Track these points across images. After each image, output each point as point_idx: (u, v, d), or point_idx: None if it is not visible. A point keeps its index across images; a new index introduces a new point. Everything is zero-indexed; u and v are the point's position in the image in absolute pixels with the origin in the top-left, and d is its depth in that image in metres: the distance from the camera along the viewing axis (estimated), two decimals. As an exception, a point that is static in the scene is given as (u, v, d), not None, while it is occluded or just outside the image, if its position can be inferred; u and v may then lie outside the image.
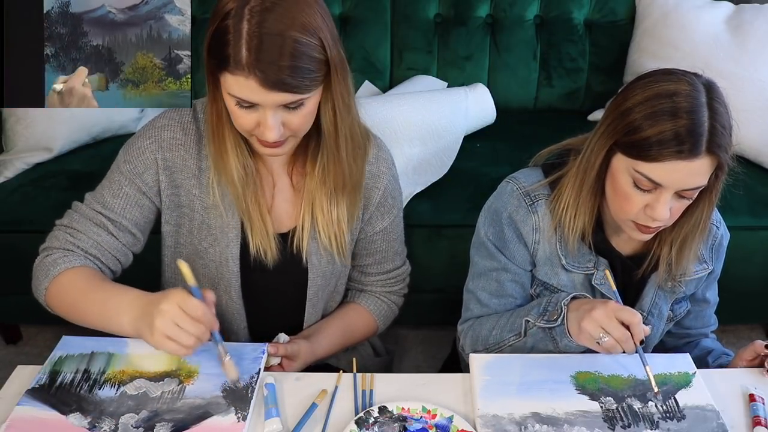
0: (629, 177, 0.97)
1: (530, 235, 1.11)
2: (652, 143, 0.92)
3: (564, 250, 1.11)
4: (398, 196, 1.25)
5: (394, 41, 2.16)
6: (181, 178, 1.11)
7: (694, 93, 0.93)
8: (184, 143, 1.10)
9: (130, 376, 0.99)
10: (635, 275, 1.12)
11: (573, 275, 1.12)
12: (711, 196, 1.01)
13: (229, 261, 1.14)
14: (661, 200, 0.96)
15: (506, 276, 1.15)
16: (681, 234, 1.06)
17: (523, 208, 1.11)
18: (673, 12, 2.00)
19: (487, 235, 1.15)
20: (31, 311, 1.93)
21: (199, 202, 1.12)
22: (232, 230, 1.13)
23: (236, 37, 0.91)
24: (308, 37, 0.92)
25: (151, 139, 1.10)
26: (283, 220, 1.16)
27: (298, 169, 1.15)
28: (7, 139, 1.84)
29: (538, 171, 1.14)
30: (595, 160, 1.02)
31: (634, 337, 0.95)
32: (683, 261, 1.09)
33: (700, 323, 1.25)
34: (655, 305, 1.15)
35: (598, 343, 0.95)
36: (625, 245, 1.12)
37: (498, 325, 1.13)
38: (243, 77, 0.92)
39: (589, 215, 1.07)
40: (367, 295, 1.31)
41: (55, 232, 1.12)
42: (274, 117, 0.96)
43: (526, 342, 1.08)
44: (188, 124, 1.11)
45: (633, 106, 0.95)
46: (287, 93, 0.93)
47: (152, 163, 1.10)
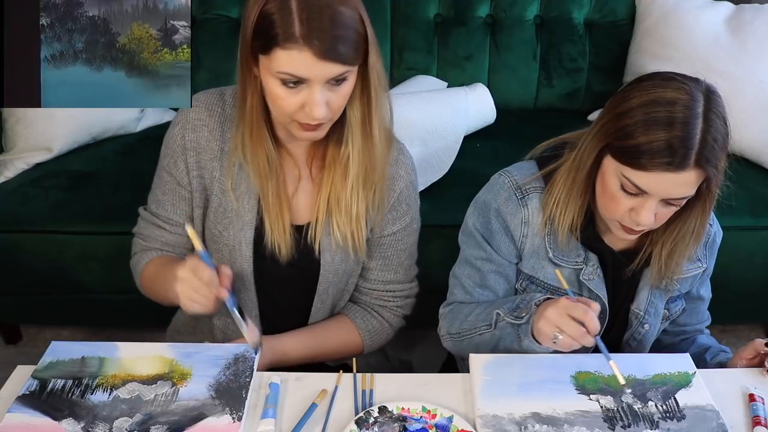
0: (617, 180, 0.97)
1: (518, 228, 1.12)
2: (642, 151, 0.92)
3: (553, 244, 1.11)
4: (414, 205, 1.23)
5: (394, 41, 2.16)
6: (205, 159, 1.13)
7: (692, 103, 0.92)
8: (208, 124, 1.12)
9: (122, 380, 0.99)
10: (627, 271, 1.12)
11: (560, 269, 1.12)
12: (705, 204, 1.02)
13: (243, 246, 1.14)
14: (646, 206, 0.96)
15: (490, 267, 1.15)
16: (672, 237, 1.07)
17: (512, 201, 1.11)
18: (673, 12, 2.00)
19: (475, 226, 1.16)
20: (31, 311, 1.94)
21: (218, 184, 1.13)
22: (248, 214, 1.13)
23: (286, 13, 0.93)
24: (351, 11, 0.96)
25: (180, 125, 1.13)
26: (301, 213, 1.16)
27: (317, 161, 1.15)
28: (7, 139, 1.84)
29: (532, 164, 1.15)
30: (587, 159, 1.02)
31: (589, 331, 0.94)
32: (673, 264, 1.10)
33: (695, 320, 1.25)
34: (651, 304, 1.15)
35: (554, 342, 0.96)
36: (617, 241, 1.12)
37: (475, 312, 1.14)
38: (297, 50, 0.93)
39: (579, 211, 1.07)
40: (358, 309, 1.26)
41: (133, 240, 1.23)
42: (322, 93, 0.97)
43: (494, 334, 1.08)
44: (214, 105, 1.12)
45: (629, 110, 0.95)
46: (338, 64, 0.95)
47: (181, 149, 1.12)
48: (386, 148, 1.12)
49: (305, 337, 1.21)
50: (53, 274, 1.74)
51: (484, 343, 1.10)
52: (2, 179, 1.79)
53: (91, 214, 1.69)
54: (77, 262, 1.71)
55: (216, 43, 2.09)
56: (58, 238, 1.68)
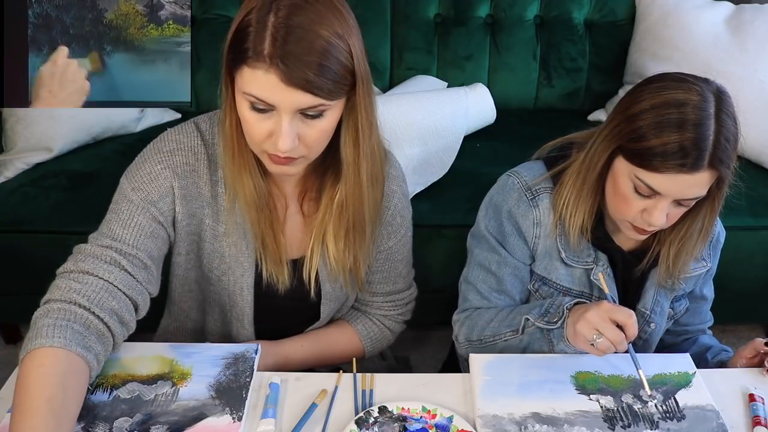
0: (630, 181, 0.98)
1: (531, 230, 1.11)
2: (655, 153, 0.92)
3: (564, 244, 1.11)
4: (407, 215, 1.18)
5: (394, 41, 2.16)
6: (195, 206, 1.05)
7: (703, 104, 0.92)
8: (197, 169, 1.03)
9: (122, 380, 0.99)
10: (636, 271, 1.13)
11: (572, 269, 1.12)
12: (714, 204, 1.02)
13: (244, 290, 1.11)
14: (659, 207, 0.97)
15: (506, 270, 1.15)
16: (680, 236, 1.07)
17: (524, 202, 1.11)
18: (673, 12, 2.00)
19: (488, 229, 1.15)
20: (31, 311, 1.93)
21: (211, 231, 1.07)
22: (247, 259, 1.08)
23: (260, 28, 0.85)
24: (338, 41, 0.86)
25: (163, 165, 1.02)
26: (293, 246, 1.11)
27: (309, 198, 1.09)
28: (7, 139, 1.84)
29: (540, 164, 1.15)
30: (598, 160, 1.02)
31: (628, 337, 0.94)
32: (680, 263, 1.10)
33: (698, 320, 1.26)
34: (657, 303, 1.15)
35: (592, 345, 0.95)
36: (626, 241, 1.12)
37: (497, 318, 1.12)
38: (262, 71, 0.85)
39: (590, 212, 1.07)
40: (360, 315, 1.24)
41: (57, 281, 0.96)
42: (291, 124, 0.88)
43: (521, 340, 1.08)
44: (198, 147, 1.03)
45: (640, 112, 0.95)
46: (309, 94, 0.86)
47: (168, 190, 1.02)
48: (376, 193, 1.06)
49: (307, 342, 1.19)
50: (53, 274, 1.73)
51: (509, 348, 1.09)
52: (2, 179, 1.78)
53: (91, 214, 1.67)
54: (77, 262, 1.71)
55: (216, 43, 2.07)
56: (58, 238, 1.68)
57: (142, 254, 1.00)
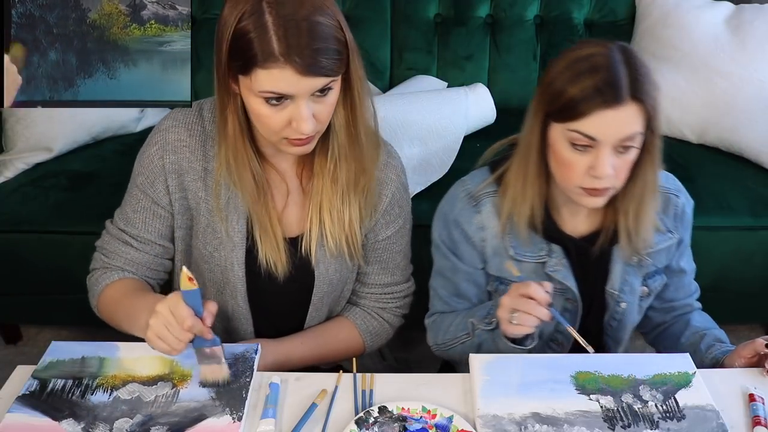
0: (566, 141, 1.00)
1: (476, 234, 1.14)
2: (578, 100, 0.96)
3: (514, 242, 1.13)
4: (406, 206, 1.22)
5: (394, 41, 2.16)
6: (188, 180, 1.10)
7: (610, 54, 0.98)
8: (189, 144, 1.09)
9: (122, 381, 0.99)
10: (592, 253, 1.14)
11: (523, 265, 1.14)
12: (651, 156, 1.04)
13: (235, 266, 1.13)
14: (601, 156, 0.98)
15: (460, 276, 1.18)
16: (632, 200, 1.08)
17: (467, 209, 1.14)
18: (673, 12, 2.00)
19: (441, 238, 1.19)
20: (31, 311, 1.94)
21: (205, 204, 1.11)
22: (237, 234, 1.11)
23: (262, 31, 0.90)
24: (328, 19, 0.93)
25: (157, 145, 1.09)
26: (292, 225, 1.15)
27: (307, 171, 1.13)
28: (7, 139, 1.84)
29: (485, 170, 1.18)
30: (532, 138, 1.05)
31: (538, 302, 0.99)
32: (641, 228, 1.10)
33: (682, 293, 1.25)
34: (626, 282, 1.16)
35: (512, 323, 1.01)
36: (576, 227, 1.14)
37: (455, 322, 1.18)
38: (278, 69, 0.91)
39: (538, 199, 1.09)
40: (358, 310, 1.25)
41: (95, 254, 1.18)
42: (308, 107, 0.95)
43: (473, 342, 1.14)
44: (193, 124, 1.10)
45: (555, 76, 0.99)
46: (321, 77, 0.93)
47: (160, 170, 1.10)
48: (373, 151, 1.11)
49: (307, 340, 1.20)
50: (53, 274, 1.74)
51: (466, 351, 1.12)
52: (2, 179, 1.79)
53: (91, 214, 1.69)
54: (77, 262, 1.70)
55: (216, 43, 2.09)
56: (58, 238, 1.68)
57: (150, 235, 1.13)
